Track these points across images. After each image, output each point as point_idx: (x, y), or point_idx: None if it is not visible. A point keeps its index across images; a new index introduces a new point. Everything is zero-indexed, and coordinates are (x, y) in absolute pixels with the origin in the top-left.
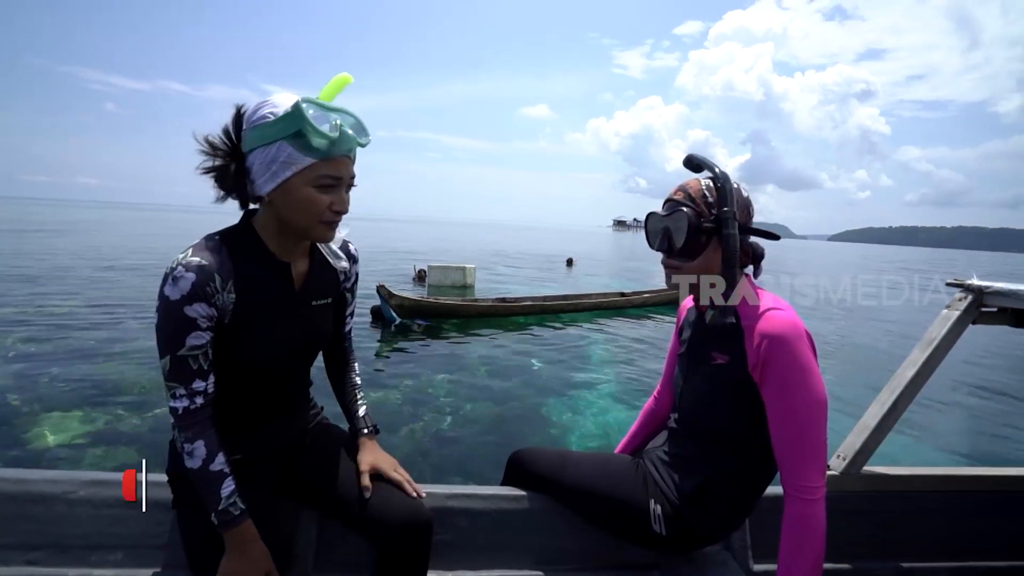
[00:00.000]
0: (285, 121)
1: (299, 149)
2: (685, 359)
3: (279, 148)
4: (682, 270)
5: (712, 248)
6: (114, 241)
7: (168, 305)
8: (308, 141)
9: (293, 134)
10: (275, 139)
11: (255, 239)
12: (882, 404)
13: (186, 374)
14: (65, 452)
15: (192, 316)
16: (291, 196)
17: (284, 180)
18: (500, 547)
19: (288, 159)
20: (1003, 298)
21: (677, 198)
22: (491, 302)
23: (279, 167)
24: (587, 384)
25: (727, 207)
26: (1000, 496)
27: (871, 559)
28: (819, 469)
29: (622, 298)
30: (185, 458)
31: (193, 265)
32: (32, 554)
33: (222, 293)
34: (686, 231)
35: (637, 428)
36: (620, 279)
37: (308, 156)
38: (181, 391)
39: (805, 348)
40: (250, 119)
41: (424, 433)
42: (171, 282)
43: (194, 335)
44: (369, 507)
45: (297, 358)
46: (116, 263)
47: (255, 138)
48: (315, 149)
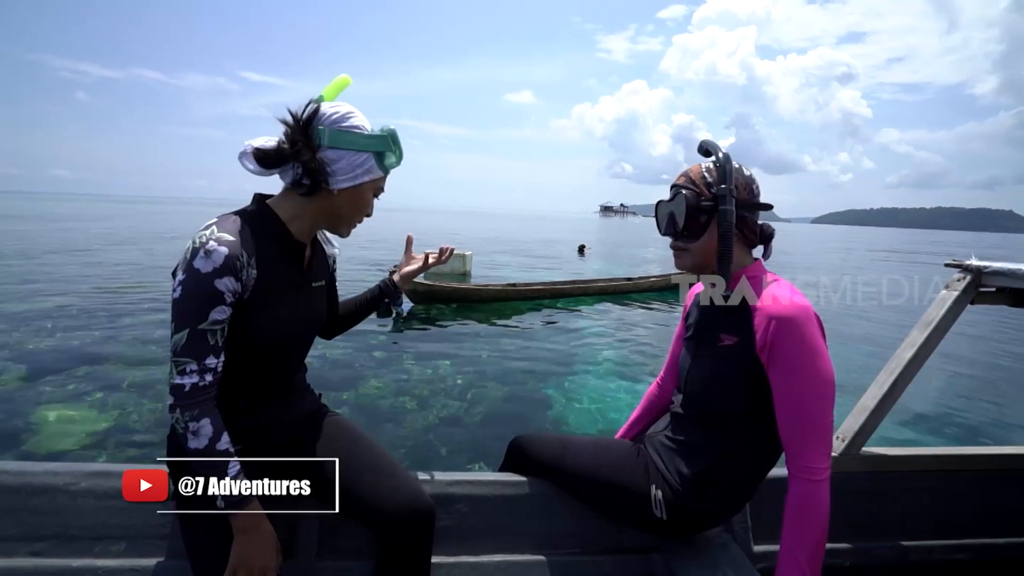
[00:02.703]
0: (381, 140)
1: (378, 163)
2: (692, 342)
3: (367, 158)
4: (688, 251)
5: (715, 227)
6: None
7: (198, 277)
8: (384, 160)
9: (379, 151)
10: (366, 149)
11: (276, 220)
12: (881, 385)
13: (202, 349)
14: (67, 445)
15: (221, 290)
16: (358, 197)
17: (360, 184)
18: (501, 532)
19: (370, 168)
20: (1001, 278)
21: (679, 183)
22: (502, 287)
23: (362, 172)
24: (590, 368)
25: (724, 184)
26: (997, 474)
27: (871, 539)
28: (824, 451)
29: (629, 282)
30: (189, 439)
31: (226, 240)
32: (36, 545)
33: (248, 268)
34: (684, 211)
35: (639, 414)
36: (613, 263)
37: (379, 170)
38: (193, 366)
39: (814, 329)
40: (338, 122)
41: (427, 419)
42: (203, 255)
43: (218, 309)
44: (371, 496)
45: (300, 339)
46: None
47: (346, 141)
48: (386, 166)
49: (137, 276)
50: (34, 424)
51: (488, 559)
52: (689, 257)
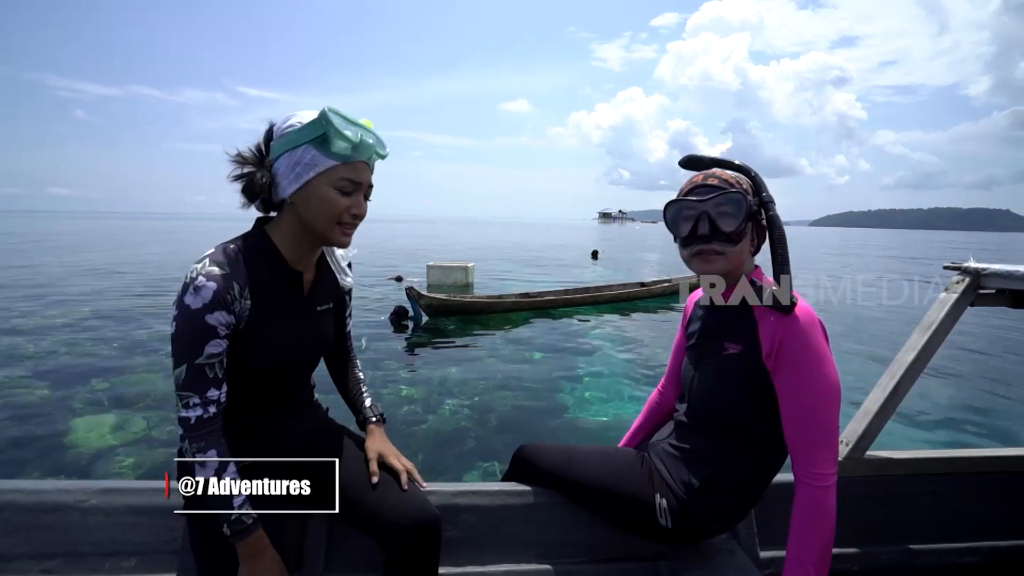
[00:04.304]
0: (312, 126)
1: (323, 152)
2: (695, 351)
3: (304, 151)
4: (725, 256)
5: (751, 233)
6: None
7: (189, 314)
8: (331, 145)
9: (318, 139)
10: (301, 143)
11: (270, 246)
12: (883, 388)
13: (202, 383)
14: (84, 460)
15: (212, 324)
16: (312, 196)
17: (307, 181)
18: (507, 542)
19: (312, 161)
20: (1001, 279)
21: (712, 183)
22: (515, 298)
23: (303, 168)
24: (601, 377)
25: (765, 192)
26: (1003, 476)
27: (876, 543)
28: (831, 456)
29: (642, 288)
30: (197, 469)
31: (215, 275)
32: (47, 563)
33: (240, 300)
34: (743, 215)
35: (641, 421)
36: (621, 269)
37: (330, 159)
38: (195, 400)
39: (819, 336)
40: (279, 129)
41: (436, 429)
42: (192, 292)
43: (213, 343)
44: (377, 509)
45: (303, 362)
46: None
47: (282, 144)
48: (337, 153)
49: (147, 294)
50: (63, 437)
51: (495, 568)
52: (725, 262)
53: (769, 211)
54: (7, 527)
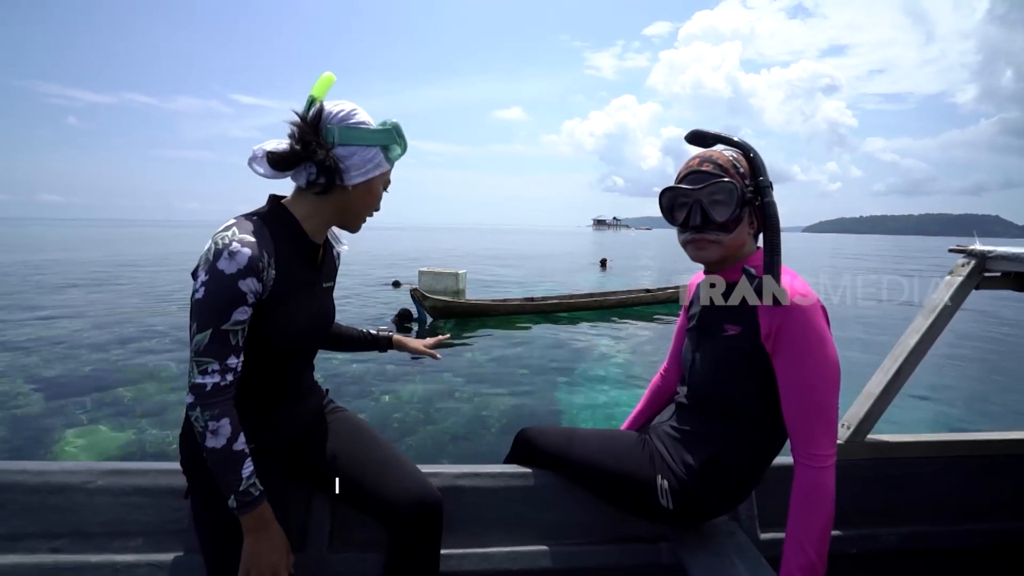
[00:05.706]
0: (386, 134)
1: (385, 156)
2: (695, 332)
3: (376, 152)
4: (720, 243)
5: (747, 219)
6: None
7: (222, 278)
8: (391, 152)
9: (385, 144)
10: (374, 144)
11: (292, 220)
12: (886, 372)
13: (224, 349)
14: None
15: (244, 290)
16: (370, 191)
17: (372, 178)
18: (509, 523)
19: (380, 163)
20: (1006, 262)
21: (706, 169)
22: (519, 301)
23: (372, 167)
24: (602, 379)
25: (762, 176)
26: (1003, 459)
27: (877, 525)
28: (830, 437)
29: (647, 294)
30: (208, 437)
31: (249, 242)
32: (55, 542)
33: (268, 269)
34: (734, 202)
35: (644, 404)
36: (624, 275)
37: (387, 163)
38: (215, 366)
39: (819, 317)
40: (345, 120)
41: (437, 427)
42: (227, 256)
43: (241, 310)
44: (379, 490)
45: (311, 338)
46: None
47: (355, 137)
48: (391, 159)
49: (143, 303)
50: (53, 446)
51: (497, 550)
52: (719, 250)
53: (766, 196)
54: (15, 507)
